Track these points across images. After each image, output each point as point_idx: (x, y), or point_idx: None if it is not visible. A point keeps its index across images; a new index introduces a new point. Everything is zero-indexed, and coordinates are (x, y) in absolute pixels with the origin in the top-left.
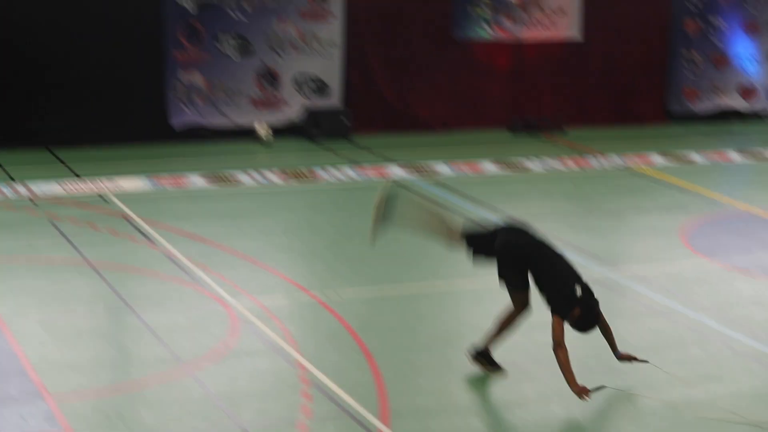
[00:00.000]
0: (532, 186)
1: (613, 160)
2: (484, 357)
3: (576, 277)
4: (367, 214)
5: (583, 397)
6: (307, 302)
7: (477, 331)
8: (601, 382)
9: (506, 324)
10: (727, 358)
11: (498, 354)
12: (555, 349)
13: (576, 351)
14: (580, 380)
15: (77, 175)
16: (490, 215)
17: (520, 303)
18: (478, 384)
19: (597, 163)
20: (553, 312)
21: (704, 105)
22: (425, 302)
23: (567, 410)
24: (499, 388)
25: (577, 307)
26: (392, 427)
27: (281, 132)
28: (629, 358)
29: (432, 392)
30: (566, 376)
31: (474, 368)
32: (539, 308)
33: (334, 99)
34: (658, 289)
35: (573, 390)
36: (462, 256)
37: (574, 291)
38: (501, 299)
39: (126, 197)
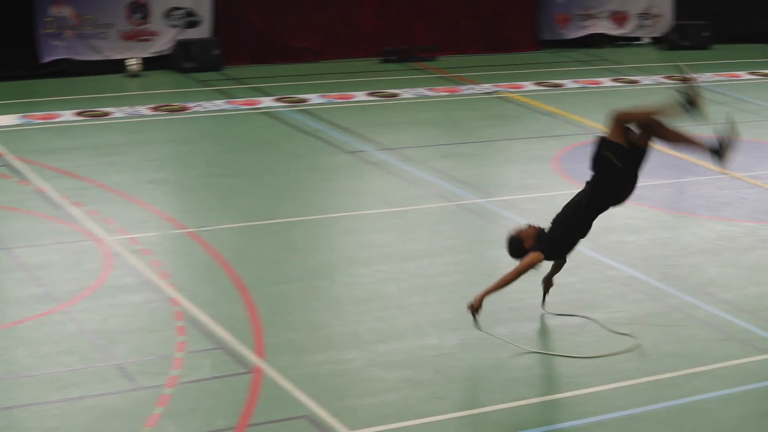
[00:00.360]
0: (403, 114)
1: (484, 87)
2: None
3: (573, 245)
4: (240, 148)
5: (469, 309)
6: (180, 236)
7: (349, 262)
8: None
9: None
10: (601, 285)
11: (371, 288)
12: (519, 264)
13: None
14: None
15: None
16: (366, 146)
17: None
18: (353, 316)
19: (469, 90)
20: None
21: (575, 31)
22: (297, 233)
23: (442, 340)
24: (374, 320)
25: (542, 253)
26: (269, 361)
27: (152, 64)
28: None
29: (307, 325)
30: (492, 285)
31: (347, 301)
32: (414, 237)
33: (204, 30)
34: (530, 216)
35: (476, 296)
36: (331, 187)
37: (563, 253)
38: (371, 231)
39: None
